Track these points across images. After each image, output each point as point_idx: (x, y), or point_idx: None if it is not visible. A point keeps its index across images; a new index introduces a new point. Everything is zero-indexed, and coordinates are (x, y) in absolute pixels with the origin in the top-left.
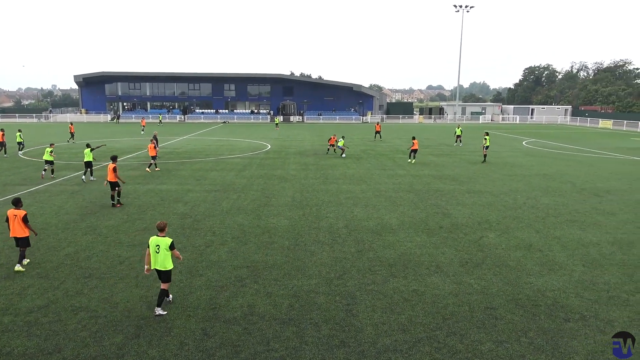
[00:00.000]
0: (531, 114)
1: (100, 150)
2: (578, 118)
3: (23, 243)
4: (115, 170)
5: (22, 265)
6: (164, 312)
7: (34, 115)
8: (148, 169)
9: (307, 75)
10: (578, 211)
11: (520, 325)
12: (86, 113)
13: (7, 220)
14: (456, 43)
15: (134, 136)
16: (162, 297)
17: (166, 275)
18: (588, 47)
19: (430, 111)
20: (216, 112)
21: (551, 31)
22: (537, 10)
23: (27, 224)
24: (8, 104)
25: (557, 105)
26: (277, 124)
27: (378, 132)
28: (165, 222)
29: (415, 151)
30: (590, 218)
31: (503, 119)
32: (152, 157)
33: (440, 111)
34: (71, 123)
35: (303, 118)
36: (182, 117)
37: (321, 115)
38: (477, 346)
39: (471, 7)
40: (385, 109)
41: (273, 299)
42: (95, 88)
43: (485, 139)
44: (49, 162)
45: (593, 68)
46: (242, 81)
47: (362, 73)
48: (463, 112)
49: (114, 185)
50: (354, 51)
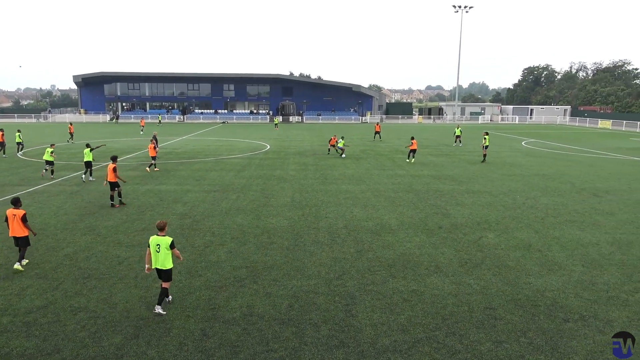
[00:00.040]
0: (530, 114)
1: (99, 150)
2: (577, 118)
3: (23, 242)
4: (115, 170)
5: (22, 265)
6: (164, 312)
7: (33, 115)
8: (148, 169)
9: (307, 75)
10: (577, 211)
11: (519, 325)
12: (85, 113)
13: (7, 219)
14: (455, 43)
15: (133, 136)
16: (163, 296)
17: (167, 274)
18: (587, 48)
19: (429, 111)
20: (215, 113)
21: (550, 31)
22: (536, 10)
23: (26, 224)
24: (7, 104)
25: (556, 105)
26: (277, 124)
27: (378, 133)
28: (165, 222)
29: (414, 151)
30: (589, 218)
31: (502, 119)
32: (152, 158)
33: (439, 111)
34: (70, 123)
35: (302, 118)
36: (182, 118)
37: (320, 115)
38: (477, 346)
39: (470, 8)
40: (384, 109)
41: (272, 300)
42: (94, 88)
43: (484, 139)
44: (50, 163)
45: (592, 68)
46: (242, 81)
47: (362, 73)
48: (462, 113)
49: (114, 185)
50: (353, 51)
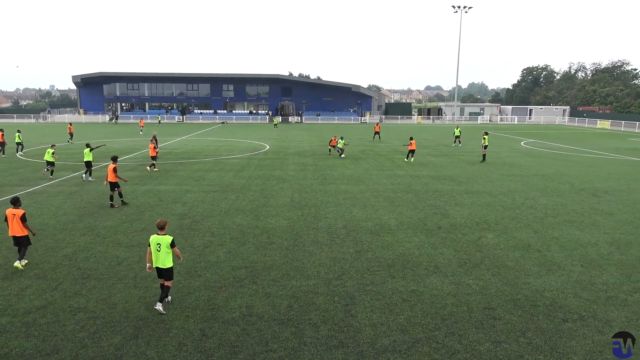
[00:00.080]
0: (529, 115)
1: (99, 150)
2: (576, 118)
3: (23, 242)
4: (115, 170)
5: (22, 264)
6: (164, 312)
7: (32, 115)
8: (148, 169)
9: (306, 75)
10: (576, 211)
11: (518, 325)
12: (84, 113)
13: (6, 219)
14: (454, 44)
15: (133, 137)
16: (165, 294)
17: (168, 273)
18: (586, 48)
19: (428, 112)
20: (215, 113)
21: (549, 32)
22: (536, 10)
23: (25, 224)
24: (6, 105)
25: (555, 105)
26: (276, 125)
27: (377, 133)
28: (165, 221)
29: (412, 151)
30: (588, 218)
31: (501, 120)
32: (152, 158)
33: (438, 112)
34: (70, 123)
35: (302, 118)
36: (181, 118)
37: (320, 115)
38: (476, 346)
39: (469, 8)
40: (383, 110)
41: (272, 300)
42: (93, 88)
43: (484, 139)
44: (50, 164)
45: (591, 69)
46: (241, 82)
47: (361, 73)
48: (461, 113)
49: (114, 185)
50: (353, 52)
